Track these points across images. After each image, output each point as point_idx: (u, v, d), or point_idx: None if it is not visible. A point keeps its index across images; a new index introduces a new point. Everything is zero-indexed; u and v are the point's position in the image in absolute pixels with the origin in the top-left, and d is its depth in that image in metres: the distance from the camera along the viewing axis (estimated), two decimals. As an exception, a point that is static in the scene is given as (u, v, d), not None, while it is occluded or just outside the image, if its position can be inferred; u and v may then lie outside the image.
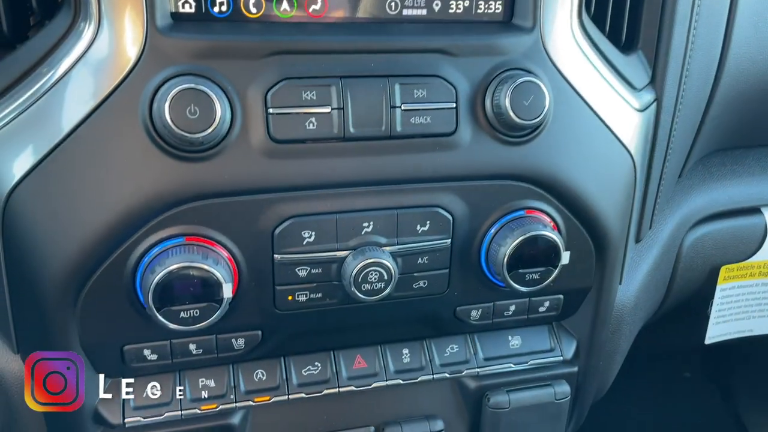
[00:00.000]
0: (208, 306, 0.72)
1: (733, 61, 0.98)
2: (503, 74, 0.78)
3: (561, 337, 1.00)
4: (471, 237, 0.84)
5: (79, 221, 0.71)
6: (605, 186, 0.88)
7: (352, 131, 0.75)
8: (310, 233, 0.77)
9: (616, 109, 0.87)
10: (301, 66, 0.73)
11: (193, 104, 0.67)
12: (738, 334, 1.27)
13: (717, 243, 1.15)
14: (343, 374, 0.91)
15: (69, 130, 0.69)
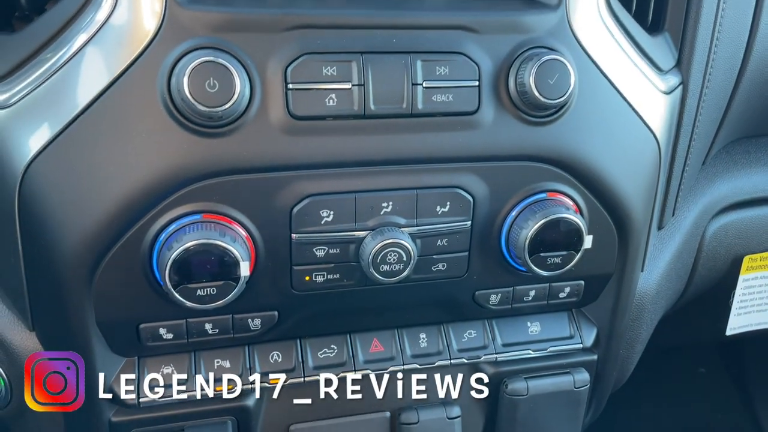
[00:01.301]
0: (225, 284, 0.71)
1: (760, 46, 0.95)
2: (528, 52, 0.76)
3: (581, 324, 0.99)
4: (492, 219, 0.82)
5: (96, 196, 0.70)
6: (629, 169, 0.86)
7: (372, 108, 0.73)
8: (329, 212, 0.76)
9: (641, 90, 0.85)
10: (322, 41, 0.72)
11: (213, 78, 0.66)
12: (760, 326, 1.25)
13: (740, 232, 1.13)
14: (359, 357, 0.89)
15: (86, 103, 0.68)
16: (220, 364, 0.85)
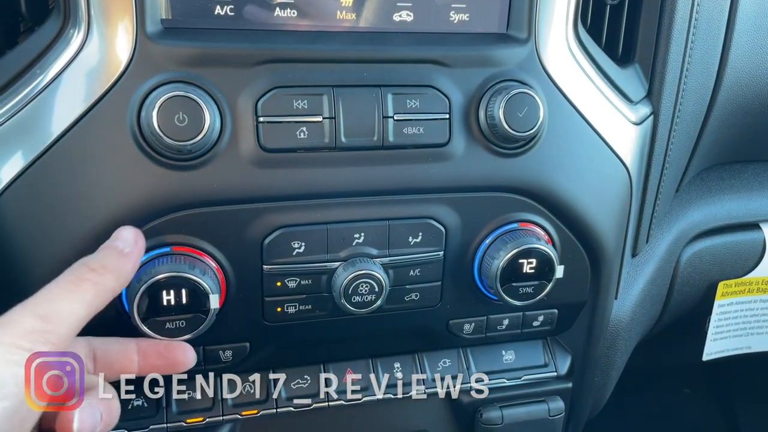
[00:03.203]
0: (194, 317, 0.71)
1: (730, 75, 0.97)
2: (497, 85, 0.77)
3: (555, 352, 0.99)
4: (464, 249, 0.83)
5: (66, 228, 0.70)
6: (600, 199, 0.87)
7: (343, 141, 0.74)
8: (300, 244, 0.76)
9: (611, 122, 0.86)
10: (293, 74, 0.72)
11: (182, 112, 0.67)
12: (736, 351, 1.26)
13: (715, 258, 1.14)
14: (332, 388, 0.89)
15: (56, 136, 0.69)
16: (191, 395, 0.84)
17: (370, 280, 0.76)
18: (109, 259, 0.62)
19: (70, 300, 0.57)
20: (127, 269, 0.63)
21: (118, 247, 0.64)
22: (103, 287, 0.60)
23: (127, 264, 0.63)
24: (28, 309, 0.55)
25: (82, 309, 0.58)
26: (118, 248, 0.63)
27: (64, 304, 0.56)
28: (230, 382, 0.85)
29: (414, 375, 0.92)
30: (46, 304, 0.56)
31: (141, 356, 0.68)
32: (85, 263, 0.61)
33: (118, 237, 0.65)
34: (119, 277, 0.62)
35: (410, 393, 0.92)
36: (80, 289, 0.58)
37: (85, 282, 0.59)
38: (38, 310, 0.55)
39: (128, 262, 0.63)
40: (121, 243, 0.64)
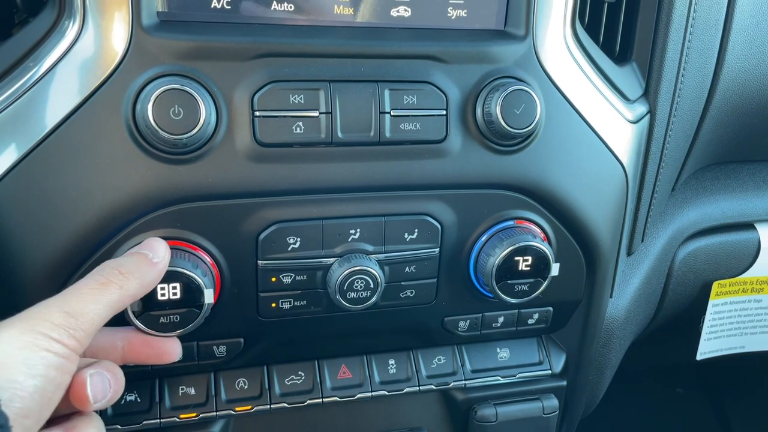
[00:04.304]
0: (188, 311, 0.71)
1: (727, 74, 0.97)
2: (494, 82, 0.77)
3: (550, 350, 0.99)
4: (460, 246, 0.82)
5: (59, 222, 0.70)
6: (596, 197, 0.87)
7: (340, 136, 0.74)
8: (295, 239, 0.76)
9: (608, 120, 0.86)
10: (289, 69, 0.72)
11: (177, 105, 0.66)
12: (730, 351, 1.26)
13: (709, 258, 1.14)
14: (327, 384, 0.89)
15: (50, 128, 0.68)
16: (184, 391, 0.84)
17: (365, 277, 0.76)
18: (137, 265, 0.65)
19: (96, 301, 0.61)
20: (152, 278, 0.66)
21: (147, 256, 0.66)
22: (126, 292, 0.63)
23: (153, 273, 0.66)
24: (57, 305, 0.59)
25: (105, 310, 0.61)
26: (147, 256, 0.66)
27: (90, 304, 0.60)
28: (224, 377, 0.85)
29: (408, 372, 0.92)
30: (73, 302, 0.59)
31: (126, 344, 0.70)
32: (114, 266, 0.64)
33: (147, 246, 0.67)
34: (143, 285, 0.65)
35: (405, 390, 0.92)
36: (106, 291, 0.62)
37: (111, 285, 0.62)
38: (66, 307, 0.59)
39: (154, 272, 0.66)
40: (150, 252, 0.66)
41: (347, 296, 0.76)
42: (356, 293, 0.76)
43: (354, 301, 0.77)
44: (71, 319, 0.58)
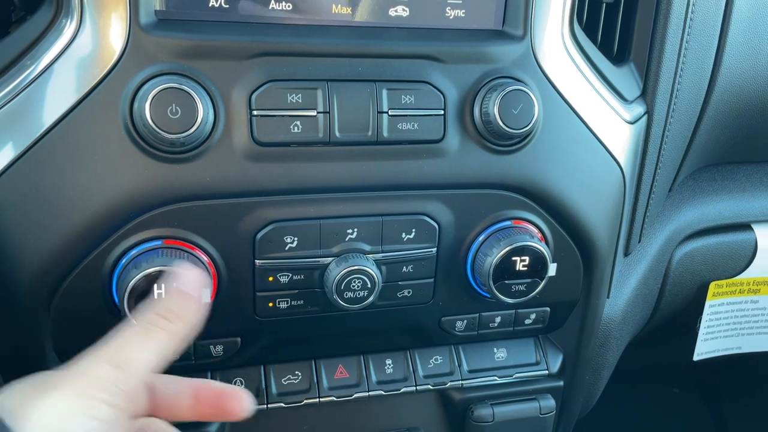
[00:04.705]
0: (185, 311, 0.70)
1: (725, 75, 0.97)
2: (492, 82, 0.77)
3: (547, 351, 0.99)
4: (457, 246, 0.82)
5: (56, 221, 0.70)
6: (594, 198, 0.87)
7: (337, 135, 0.73)
8: (293, 239, 0.76)
9: (606, 120, 0.86)
10: (287, 68, 0.72)
11: (175, 104, 0.66)
12: (726, 351, 1.26)
13: (706, 258, 1.14)
14: (324, 384, 0.89)
15: (47, 127, 0.68)
16: (181, 390, 0.83)
17: (362, 276, 0.76)
18: (177, 304, 0.61)
19: (142, 348, 0.57)
20: (197, 314, 0.62)
21: (183, 291, 0.62)
22: (175, 333, 0.59)
23: (195, 310, 0.61)
24: (104, 358, 0.56)
25: (154, 357, 0.57)
26: (185, 292, 0.62)
27: (137, 352, 0.57)
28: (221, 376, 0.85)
29: (405, 372, 0.92)
30: (119, 353, 0.56)
31: (194, 401, 0.66)
32: (156, 312, 0.60)
33: (181, 280, 0.62)
34: (189, 324, 0.61)
35: (401, 390, 0.91)
36: (152, 337, 0.58)
37: (156, 330, 0.59)
38: (112, 359, 0.55)
39: (197, 306, 0.62)
40: (185, 286, 0.62)
41: (344, 296, 0.76)
42: (353, 293, 0.76)
43: (351, 300, 0.77)
44: (119, 372, 0.54)
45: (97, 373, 0.54)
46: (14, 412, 0.50)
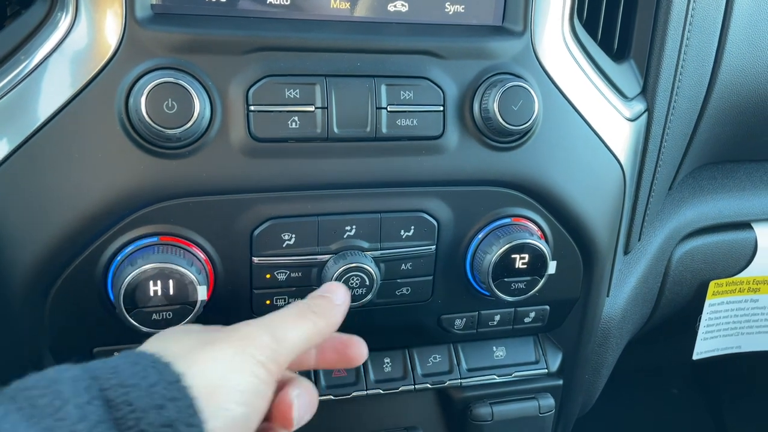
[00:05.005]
0: (181, 308, 0.70)
1: (725, 73, 0.97)
2: (492, 78, 0.77)
3: (546, 349, 0.98)
4: (456, 244, 0.82)
5: (51, 216, 0.69)
6: (594, 195, 0.86)
7: (336, 131, 0.73)
8: (290, 236, 0.75)
9: (606, 117, 0.86)
10: (285, 63, 0.71)
11: (171, 99, 0.65)
12: (726, 351, 1.26)
13: (706, 257, 1.14)
14: (321, 383, 0.88)
15: (42, 121, 0.67)
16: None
17: (361, 274, 0.75)
18: (323, 307, 0.66)
19: (297, 329, 0.62)
20: (337, 319, 0.67)
21: (332, 299, 0.67)
22: (317, 328, 0.64)
23: (338, 314, 0.67)
24: (264, 327, 0.60)
25: (302, 341, 0.62)
26: (332, 300, 0.67)
27: (293, 331, 0.61)
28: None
29: (404, 370, 0.91)
30: (279, 328, 0.61)
31: (318, 350, 0.70)
32: (306, 305, 0.65)
33: (329, 290, 0.68)
34: (329, 324, 0.66)
35: (400, 388, 0.91)
36: (304, 324, 0.63)
37: (307, 320, 0.63)
38: (273, 331, 0.60)
39: (338, 313, 0.67)
40: (333, 296, 0.68)
41: (342, 293, 0.75)
42: (352, 290, 0.75)
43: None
44: (277, 344, 0.59)
45: (259, 338, 0.58)
46: (180, 357, 0.54)
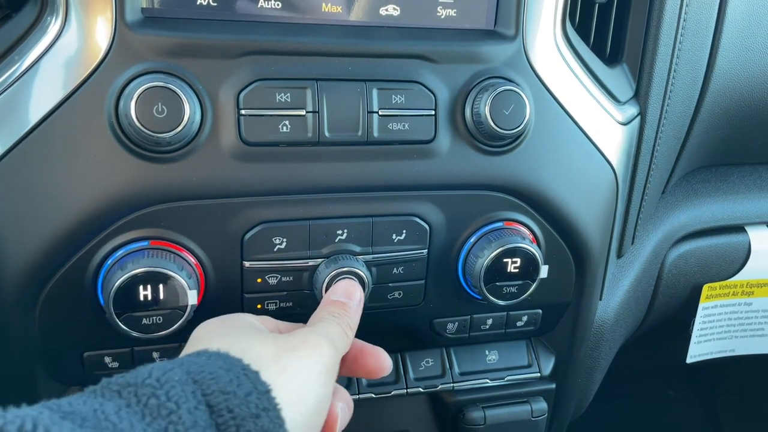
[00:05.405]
0: (171, 312, 0.70)
1: (718, 76, 0.97)
2: (484, 82, 0.77)
3: (539, 353, 0.98)
4: (448, 248, 0.82)
5: (40, 220, 0.69)
6: (586, 199, 0.86)
7: (327, 135, 0.73)
8: (282, 240, 0.75)
9: (598, 121, 0.86)
10: (276, 67, 0.71)
11: (161, 103, 0.65)
12: (720, 354, 1.26)
13: (700, 261, 1.14)
14: (313, 386, 0.88)
15: (32, 125, 0.67)
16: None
17: (352, 278, 0.75)
18: (347, 312, 0.69)
19: (340, 339, 0.65)
20: (358, 321, 0.70)
21: (350, 305, 0.70)
22: (350, 337, 0.67)
23: (359, 317, 0.71)
24: (324, 336, 0.62)
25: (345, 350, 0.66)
26: (350, 305, 0.70)
27: (338, 339, 0.64)
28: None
29: (396, 374, 0.91)
30: (332, 336, 0.63)
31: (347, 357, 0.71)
32: (334, 312, 0.68)
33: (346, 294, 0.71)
34: (354, 330, 0.69)
35: (392, 392, 0.91)
36: (342, 331, 0.66)
37: (341, 328, 0.66)
38: (331, 340, 0.62)
39: (359, 315, 0.71)
40: (351, 300, 0.71)
41: (334, 298, 0.75)
42: (343, 294, 0.75)
43: (341, 302, 0.76)
44: (336, 353, 0.62)
45: (325, 348, 0.61)
46: (265, 365, 0.56)
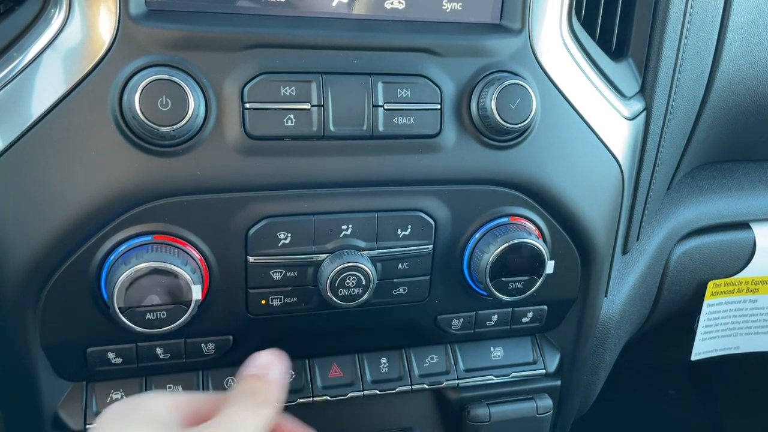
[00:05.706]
0: (175, 308, 0.69)
1: (724, 72, 0.96)
2: (490, 76, 0.76)
3: (544, 350, 0.98)
4: (453, 243, 0.81)
5: (43, 215, 0.68)
6: (592, 195, 0.86)
7: (332, 129, 0.72)
8: (286, 235, 0.74)
9: (604, 116, 0.85)
10: (281, 60, 0.70)
11: (165, 96, 0.65)
12: (724, 351, 1.25)
13: (705, 257, 1.13)
14: (317, 383, 0.87)
15: (35, 119, 0.66)
16: (172, 389, 0.82)
17: (357, 273, 0.75)
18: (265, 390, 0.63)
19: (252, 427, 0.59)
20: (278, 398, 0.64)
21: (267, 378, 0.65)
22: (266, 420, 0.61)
23: (278, 393, 0.64)
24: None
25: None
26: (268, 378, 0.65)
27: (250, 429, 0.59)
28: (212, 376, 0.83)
29: (400, 371, 0.91)
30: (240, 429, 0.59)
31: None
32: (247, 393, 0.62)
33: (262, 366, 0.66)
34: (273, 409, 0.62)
35: (397, 389, 0.90)
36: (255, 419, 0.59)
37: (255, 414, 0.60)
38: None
39: (278, 391, 0.64)
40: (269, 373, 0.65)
41: (339, 293, 0.75)
42: (348, 290, 0.75)
43: (345, 298, 0.75)
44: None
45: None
46: None
